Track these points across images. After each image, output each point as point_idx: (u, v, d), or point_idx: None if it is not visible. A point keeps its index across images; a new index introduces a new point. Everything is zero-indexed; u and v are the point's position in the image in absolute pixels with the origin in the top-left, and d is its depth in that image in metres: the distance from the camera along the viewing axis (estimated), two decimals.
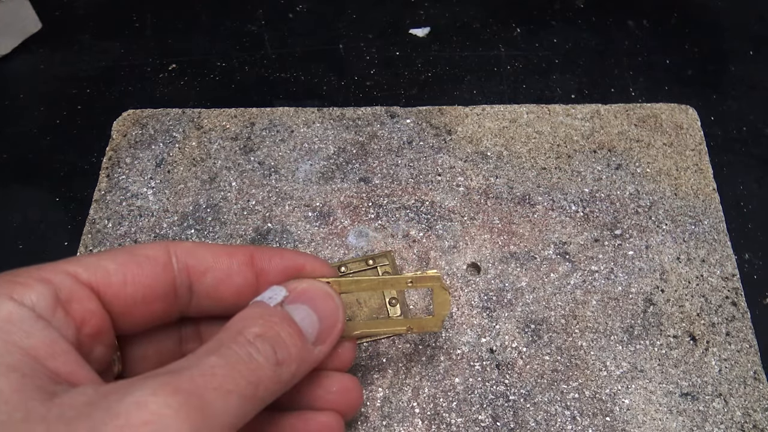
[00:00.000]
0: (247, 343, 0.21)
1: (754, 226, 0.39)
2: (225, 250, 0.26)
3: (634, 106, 0.43)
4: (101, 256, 0.23)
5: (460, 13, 0.49)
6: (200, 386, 0.19)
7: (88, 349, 0.22)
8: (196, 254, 0.25)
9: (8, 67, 0.46)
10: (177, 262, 0.24)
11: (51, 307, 0.21)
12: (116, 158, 0.41)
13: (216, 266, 0.25)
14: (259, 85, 0.45)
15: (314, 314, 0.25)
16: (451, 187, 0.39)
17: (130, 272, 0.23)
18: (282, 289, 0.25)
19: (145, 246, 0.25)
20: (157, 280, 0.24)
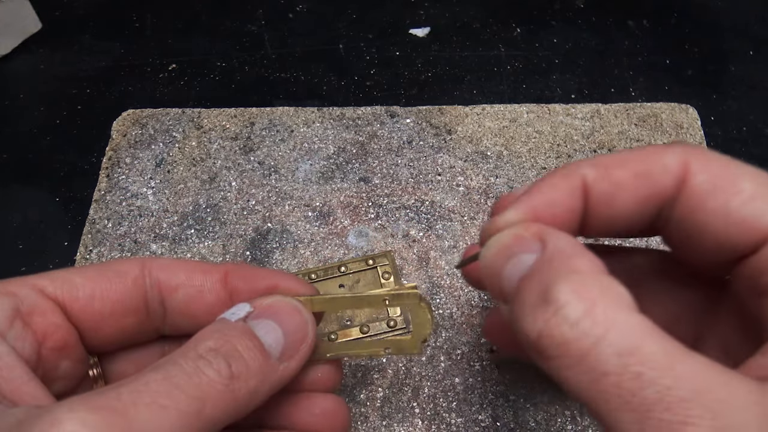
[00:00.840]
0: (196, 357, 0.20)
1: None
2: (199, 267, 0.25)
3: (635, 106, 0.43)
4: (70, 271, 0.23)
5: (460, 13, 0.49)
6: (126, 402, 0.18)
7: (53, 365, 0.22)
8: (168, 270, 0.24)
9: (8, 67, 0.46)
10: (149, 276, 0.24)
11: (9, 319, 0.20)
12: (116, 158, 0.41)
13: (187, 283, 0.25)
14: (259, 85, 0.45)
15: (279, 329, 0.23)
16: (451, 186, 0.39)
17: (98, 287, 0.23)
18: (246, 305, 0.24)
19: (118, 261, 0.24)
20: (126, 294, 0.23)
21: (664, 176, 0.21)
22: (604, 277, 0.19)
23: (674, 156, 0.21)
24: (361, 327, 0.34)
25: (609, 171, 0.22)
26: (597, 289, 0.18)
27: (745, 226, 0.20)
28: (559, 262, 0.19)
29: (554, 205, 0.22)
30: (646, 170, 0.22)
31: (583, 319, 0.18)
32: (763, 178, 0.21)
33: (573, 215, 0.22)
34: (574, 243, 0.20)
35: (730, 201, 0.20)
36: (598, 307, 0.18)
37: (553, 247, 0.20)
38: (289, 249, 0.37)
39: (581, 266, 0.19)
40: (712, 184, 0.21)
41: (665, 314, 0.25)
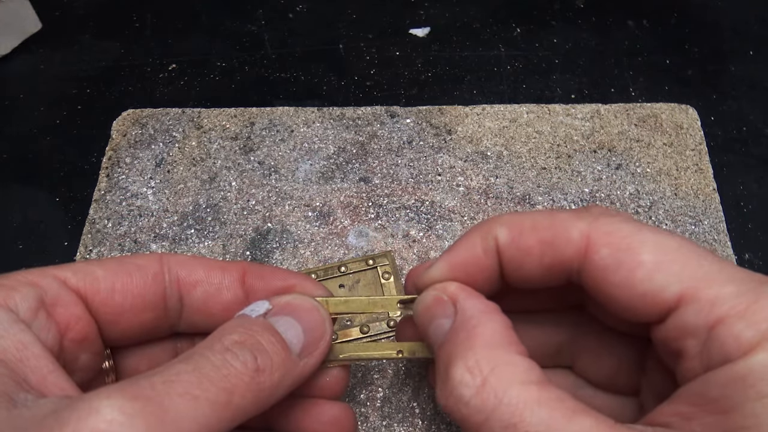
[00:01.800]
0: (222, 350, 0.21)
1: (754, 226, 0.39)
2: (218, 264, 0.25)
3: (634, 106, 0.43)
4: (91, 263, 0.23)
5: (460, 13, 0.49)
6: (161, 392, 0.18)
7: (73, 356, 0.22)
8: (187, 266, 0.25)
9: (8, 67, 0.46)
10: (168, 272, 0.24)
11: (33, 310, 0.20)
12: (116, 158, 0.41)
13: (206, 280, 0.25)
14: (259, 85, 0.45)
15: (299, 326, 0.24)
16: (451, 186, 0.39)
17: (119, 280, 0.23)
18: (265, 303, 0.24)
19: (137, 256, 0.24)
20: (146, 289, 0.23)
21: (567, 248, 0.22)
22: (499, 351, 0.21)
23: (578, 228, 0.22)
24: (361, 327, 0.34)
25: (519, 236, 0.23)
26: (489, 365, 0.20)
27: (648, 300, 0.21)
28: (464, 334, 0.22)
29: (471, 264, 0.24)
30: (551, 240, 0.23)
31: (474, 397, 0.20)
32: (665, 246, 0.21)
33: (490, 272, 0.24)
34: (482, 309, 0.23)
35: (632, 276, 0.21)
36: (489, 384, 0.20)
37: (461, 315, 0.23)
38: (289, 249, 0.37)
39: (483, 338, 0.21)
40: (613, 259, 0.22)
41: (606, 368, 0.26)
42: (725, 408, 0.19)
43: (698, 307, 0.20)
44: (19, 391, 0.18)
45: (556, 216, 0.23)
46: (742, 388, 0.18)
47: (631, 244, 0.21)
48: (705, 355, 0.20)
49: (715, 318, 0.20)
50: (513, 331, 0.22)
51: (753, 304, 0.19)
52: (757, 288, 0.20)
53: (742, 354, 0.19)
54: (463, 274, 0.24)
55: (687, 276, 0.20)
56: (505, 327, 0.22)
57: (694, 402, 0.20)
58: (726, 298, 0.20)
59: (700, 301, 0.20)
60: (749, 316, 0.19)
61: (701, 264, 0.21)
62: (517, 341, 0.22)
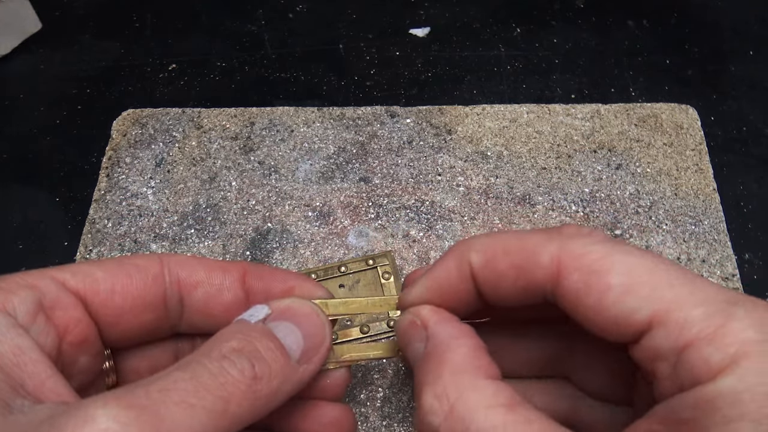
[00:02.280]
0: (220, 357, 0.20)
1: (754, 226, 0.39)
2: (219, 265, 0.25)
3: (635, 106, 0.43)
4: (91, 264, 0.23)
5: (460, 13, 0.49)
6: (157, 400, 0.18)
7: (72, 358, 0.22)
8: (187, 267, 0.24)
9: (8, 67, 0.46)
10: (168, 273, 0.24)
11: (32, 313, 0.20)
12: (116, 158, 0.41)
13: (207, 281, 0.25)
14: (259, 85, 0.45)
15: (298, 331, 0.24)
16: (451, 186, 0.39)
17: (119, 281, 0.23)
18: (264, 307, 0.24)
19: (137, 256, 0.24)
20: (146, 290, 0.23)
21: (539, 272, 0.22)
22: (466, 376, 0.21)
23: (548, 252, 0.22)
24: (361, 327, 0.34)
25: (492, 261, 0.23)
26: (457, 392, 0.21)
27: (620, 323, 0.21)
28: (433, 361, 0.22)
29: (447, 287, 0.24)
30: (523, 264, 0.23)
31: (443, 424, 0.20)
32: (636, 267, 0.21)
33: (466, 294, 0.24)
34: (452, 335, 0.23)
35: (602, 299, 0.21)
36: (456, 411, 0.20)
37: (432, 340, 0.23)
38: (289, 249, 0.37)
39: (451, 364, 0.22)
40: (583, 283, 0.21)
41: (599, 379, 0.27)
42: (694, 430, 0.19)
43: (667, 330, 0.20)
44: (16, 396, 0.18)
45: (527, 238, 0.23)
46: (710, 411, 0.18)
47: (602, 266, 0.21)
48: (676, 377, 0.20)
49: (684, 342, 0.20)
50: (485, 353, 0.23)
51: (721, 327, 0.19)
52: (726, 309, 0.20)
53: (710, 377, 0.19)
54: (439, 297, 0.25)
55: (656, 298, 0.20)
56: (475, 350, 0.22)
57: (666, 421, 0.20)
58: (694, 321, 0.20)
59: (669, 325, 0.20)
60: (717, 339, 0.19)
61: (673, 285, 0.21)
62: (487, 364, 0.22)
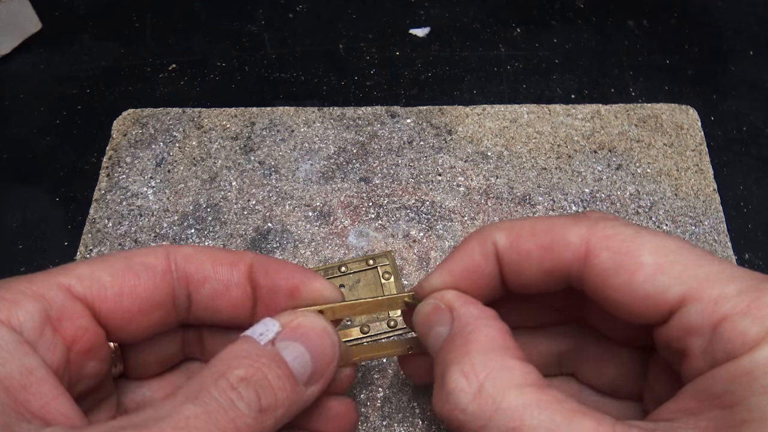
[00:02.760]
0: (228, 388, 0.20)
1: (754, 226, 0.39)
2: (226, 257, 0.25)
3: (635, 107, 0.43)
4: (96, 265, 0.22)
5: (460, 13, 0.49)
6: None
7: (79, 366, 0.22)
8: (195, 261, 0.24)
9: (8, 67, 0.46)
10: (176, 270, 0.24)
11: (38, 328, 0.20)
12: (116, 158, 0.41)
13: (214, 277, 0.24)
14: (259, 85, 0.45)
15: (307, 353, 0.23)
16: (451, 187, 0.39)
17: (127, 284, 0.22)
18: (275, 324, 0.23)
19: (143, 252, 0.24)
20: (155, 290, 0.23)
21: (567, 252, 0.23)
22: (494, 355, 0.21)
23: (577, 233, 0.22)
24: (362, 327, 0.34)
25: (517, 241, 0.23)
26: (486, 370, 0.20)
27: (651, 301, 0.21)
28: (460, 341, 0.22)
29: (470, 270, 0.24)
30: (550, 244, 0.23)
31: (472, 403, 0.20)
32: (664, 248, 0.21)
33: (489, 278, 0.24)
34: (478, 315, 0.23)
35: (633, 278, 0.21)
36: (485, 389, 0.20)
37: (458, 322, 0.23)
38: (290, 249, 0.37)
39: (479, 342, 0.21)
40: (614, 262, 0.22)
41: (608, 377, 0.27)
42: (731, 402, 0.19)
43: (701, 306, 0.20)
44: (21, 421, 0.18)
45: (554, 221, 0.23)
46: (747, 382, 0.19)
47: (631, 246, 0.22)
48: (709, 352, 0.20)
49: (719, 316, 0.20)
50: (510, 336, 0.22)
51: (756, 301, 0.20)
52: (758, 285, 0.20)
53: (747, 349, 0.19)
54: (462, 282, 0.25)
55: (688, 276, 0.21)
56: (502, 332, 0.22)
57: (699, 398, 0.20)
58: (728, 296, 0.20)
59: (702, 301, 0.20)
60: (753, 312, 0.19)
61: (701, 264, 0.21)
62: (514, 346, 0.22)
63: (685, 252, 0.21)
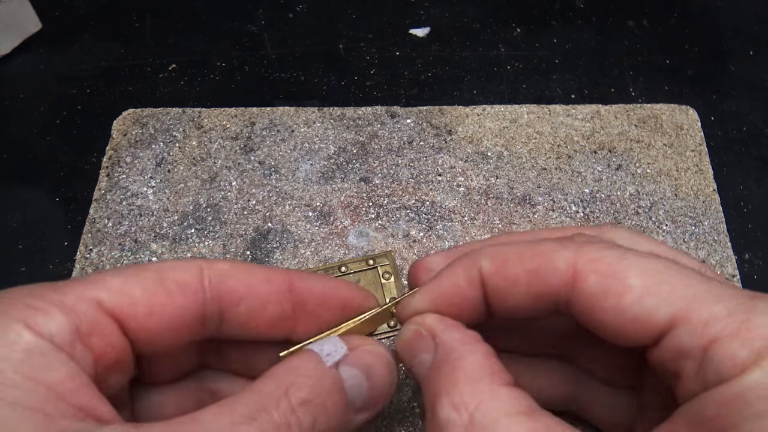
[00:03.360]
0: (289, 411, 0.20)
1: (754, 226, 0.39)
2: (263, 275, 0.24)
3: (635, 107, 0.43)
4: (129, 279, 0.22)
5: (460, 13, 0.49)
6: None
7: (104, 378, 0.21)
8: (231, 280, 0.23)
9: (8, 67, 0.46)
10: (209, 289, 0.23)
11: (69, 341, 0.19)
12: (116, 157, 0.41)
13: (251, 295, 0.23)
14: (259, 85, 0.45)
15: (365, 383, 0.23)
16: (451, 187, 0.39)
17: (158, 302, 0.22)
18: (343, 347, 0.23)
19: (176, 266, 0.23)
20: (186, 309, 0.22)
21: (554, 277, 0.22)
22: (483, 384, 0.21)
23: (564, 257, 0.22)
24: None
25: (504, 266, 0.23)
26: (475, 401, 0.20)
27: (640, 324, 0.21)
28: (446, 369, 0.22)
29: (454, 294, 0.24)
30: (537, 269, 0.23)
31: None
32: (651, 269, 0.21)
33: (472, 303, 0.24)
34: (462, 341, 0.23)
35: (621, 301, 0.21)
36: (476, 421, 0.20)
37: (441, 349, 0.23)
38: (290, 249, 0.37)
39: (466, 372, 0.21)
40: (601, 285, 0.21)
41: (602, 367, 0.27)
42: (722, 427, 0.19)
43: (691, 328, 0.20)
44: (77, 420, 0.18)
45: (540, 246, 0.23)
46: (739, 406, 0.18)
47: (618, 269, 0.21)
48: (701, 375, 0.20)
49: (709, 338, 0.20)
50: (496, 358, 0.22)
51: (746, 322, 0.19)
52: (747, 304, 0.20)
53: (738, 373, 0.19)
54: (445, 306, 0.24)
55: (677, 297, 0.21)
56: (488, 356, 0.22)
57: (692, 421, 0.20)
58: (718, 317, 0.20)
59: (692, 323, 0.20)
60: (742, 334, 0.19)
61: (689, 284, 0.21)
62: (500, 369, 0.22)
63: (672, 272, 0.21)
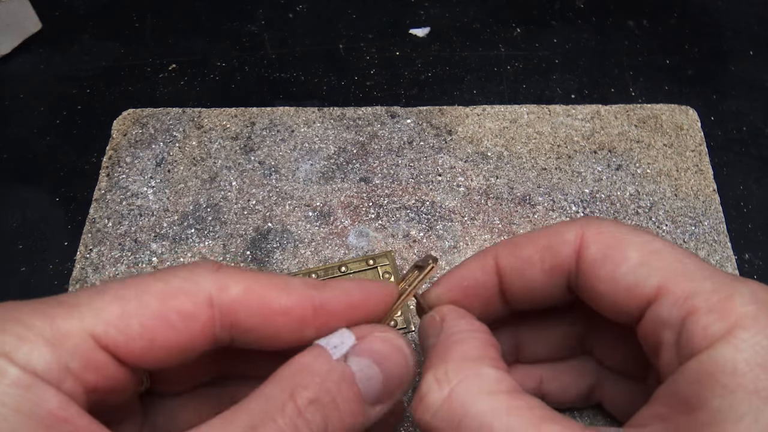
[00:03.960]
0: (295, 415, 0.19)
1: (754, 226, 0.39)
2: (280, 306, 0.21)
3: (635, 107, 0.43)
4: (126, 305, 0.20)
5: (460, 13, 0.49)
6: None
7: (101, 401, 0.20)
8: (243, 313, 0.21)
9: (8, 67, 0.46)
10: (219, 321, 0.21)
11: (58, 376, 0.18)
12: (116, 157, 0.41)
13: (264, 325, 0.21)
14: (259, 85, 0.45)
15: (380, 374, 0.21)
16: (451, 187, 0.39)
17: (161, 335, 0.20)
18: (351, 337, 0.22)
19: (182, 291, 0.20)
20: (191, 342, 0.20)
21: (564, 248, 0.23)
22: (471, 362, 0.21)
23: (572, 229, 0.23)
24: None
25: (517, 248, 0.24)
26: (458, 376, 0.21)
27: (630, 293, 0.22)
28: (441, 348, 0.22)
29: (469, 283, 0.25)
30: (549, 244, 0.24)
31: (441, 408, 0.20)
32: (651, 245, 0.22)
33: (487, 290, 0.25)
34: (466, 328, 0.23)
35: (617, 269, 0.22)
36: (455, 394, 0.20)
37: (444, 332, 0.23)
38: (290, 249, 0.37)
39: (458, 351, 0.22)
40: (602, 254, 0.22)
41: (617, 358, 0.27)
42: (694, 405, 0.19)
43: (673, 298, 0.21)
44: None
45: (549, 228, 0.24)
46: (708, 382, 0.19)
47: (620, 242, 0.22)
48: (677, 347, 0.20)
49: (688, 309, 0.20)
50: (495, 349, 0.23)
51: (726, 298, 0.20)
52: (732, 284, 0.20)
53: (707, 346, 0.19)
54: (461, 296, 0.25)
55: (667, 270, 0.21)
56: (486, 344, 0.23)
57: (668, 402, 0.20)
58: (700, 292, 0.20)
59: (675, 293, 0.21)
60: (720, 309, 0.19)
61: (683, 261, 0.21)
62: (495, 357, 0.22)
63: (668, 250, 0.22)
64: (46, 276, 0.37)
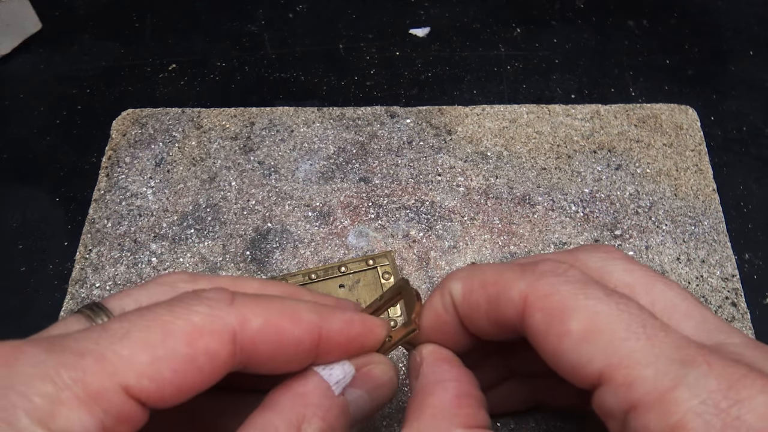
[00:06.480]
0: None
1: (754, 226, 0.39)
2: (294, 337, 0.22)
3: (634, 107, 0.43)
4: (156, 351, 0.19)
5: (460, 13, 0.49)
6: None
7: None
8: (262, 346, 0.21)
9: (8, 67, 0.46)
10: (240, 353, 0.21)
11: None
12: (116, 158, 0.41)
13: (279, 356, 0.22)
14: (259, 85, 0.45)
15: (369, 402, 0.24)
16: (451, 187, 0.39)
17: (187, 381, 0.20)
18: (352, 371, 0.23)
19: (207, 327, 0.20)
20: (212, 377, 0.20)
21: (508, 308, 0.22)
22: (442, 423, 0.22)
23: (517, 289, 0.22)
24: None
25: (469, 293, 0.24)
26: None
27: (575, 372, 0.20)
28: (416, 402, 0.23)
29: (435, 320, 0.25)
30: (496, 297, 0.23)
31: None
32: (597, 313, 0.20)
33: (452, 326, 0.25)
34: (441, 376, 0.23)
35: (560, 345, 0.21)
36: None
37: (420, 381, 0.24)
38: (289, 249, 0.37)
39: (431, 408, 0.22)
40: (545, 324, 0.21)
41: None
42: None
43: (615, 387, 0.19)
44: None
45: (503, 272, 0.23)
46: None
47: (564, 309, 0.21)
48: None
49: (629, 404, 0.19)
50: (472, 400, 0.23)
51: (667, 392, 0.18)
52: (678, 371, 0.19)
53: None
54: (433, 331, 0.25)
55: (611, 352, 0.20)
56: (459, 397, 0.22)
57: None
58: (642, 382, 0.19)
59: (617, 383, 0.19)
60: (660, 406, 0.18)
61: (628, 338, 0.20)
62: (468, 413, 0.22)
63: (619, 320, 0.20)
64: (46, 276, 0.37)
